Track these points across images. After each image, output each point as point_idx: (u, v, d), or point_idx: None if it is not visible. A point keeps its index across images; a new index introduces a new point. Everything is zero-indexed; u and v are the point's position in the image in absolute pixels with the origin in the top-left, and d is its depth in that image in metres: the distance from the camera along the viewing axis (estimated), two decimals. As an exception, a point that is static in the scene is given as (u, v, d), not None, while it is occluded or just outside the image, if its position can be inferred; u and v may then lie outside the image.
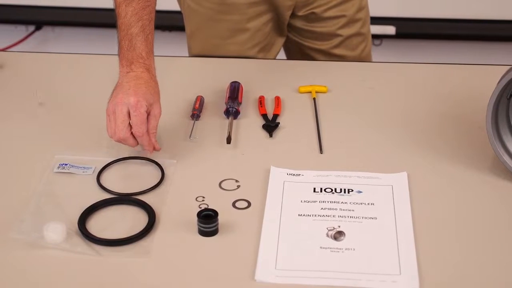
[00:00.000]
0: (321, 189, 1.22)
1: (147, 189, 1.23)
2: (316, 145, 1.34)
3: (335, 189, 1.22)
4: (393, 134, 1.37)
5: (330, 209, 1.17)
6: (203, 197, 1.20)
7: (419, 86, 1.54)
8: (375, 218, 1.16)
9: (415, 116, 1.43)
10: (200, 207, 1.18)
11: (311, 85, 1.51)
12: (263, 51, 1.68)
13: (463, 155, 1.30)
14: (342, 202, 1.19)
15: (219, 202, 1.19)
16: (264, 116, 1.42)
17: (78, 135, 1.37)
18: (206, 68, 1.60)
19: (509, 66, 1.24)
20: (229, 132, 1.35)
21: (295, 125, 1.41)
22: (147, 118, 1.24)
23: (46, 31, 3.27)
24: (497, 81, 1.22)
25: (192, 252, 1.11)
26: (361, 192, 1.21)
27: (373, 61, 1.80)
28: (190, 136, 1.35)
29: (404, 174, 1.25)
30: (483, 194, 1.23)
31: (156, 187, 1.23)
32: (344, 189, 1.22)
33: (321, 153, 1.32)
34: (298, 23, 1.68)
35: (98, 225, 1.15)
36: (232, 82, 1.50)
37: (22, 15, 3.14)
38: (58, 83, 1.56)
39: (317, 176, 1.25)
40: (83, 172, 1.27)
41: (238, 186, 1.24)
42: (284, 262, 1.08)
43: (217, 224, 1.13)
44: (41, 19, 3.18)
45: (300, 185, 1.23)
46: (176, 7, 1.71)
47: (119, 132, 1.23)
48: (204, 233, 1.13)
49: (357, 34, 1.70)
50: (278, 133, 1.38)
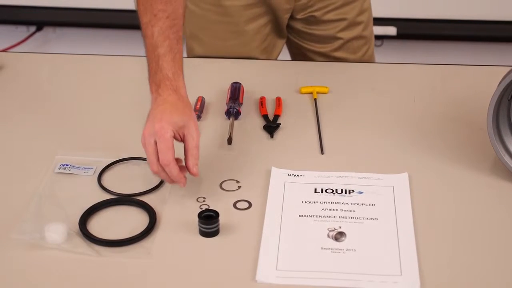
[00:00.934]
0: (322, 190, 1.22)
1: (148, 190, 1.23)
2: (317, 146, 1.34)
3: (336, 190, 1.22)
4: (394, 135, 1.37)
5: (331, 210, 1.17)
6: (204, 198, 1.20)
7: (420, 87, 1.54)
8: (376, 219, 1.16)
9: (416, 117, 1.43)
10: (201, 208, 1.18)
11: (312, 86, 1.51)
12: (265, 53, 1.67)
13: (464, 156, 1.30)
14: (343, 203, 1.19)
15: (220, 203, 1.19)
16: (265, 117, 1.42)
17: (79, 136, 1.37)
18: (207, 69, 1.60)
19: (510, 67, 1.24)
20: (230, 133, 1.35)
21: (296, 126, 1.41)
22: (184, 141, 1.18)
23: (47, 32, 3.28)
24: (498, 82, 1.22)
25: (193, 253, 1.11)
26: (362, 193, 1.21)
27: (374, 62, 1.80)
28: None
29: (405, 175, 1.25)
30: (484, 195, 1.23)
31: (157, 188, 1.23)
32: (345, 190, 1.22)
33: (322, 154, 1.32)
34: (298, 25, 1.68)
35: (99, 226, 1.15)
36: (233, 83, 1.50)
37: (23, 16, 3.14)
38: (59, 84, 1.57)
39: (318, 177, 1.25)
40: (84, 173, 1.27)
41: (239, 187, 1.24)
42: (285, 263, 1.08)
43: (218, 225, 1.13)
44: (42, 20, 3.19)
45: (301, 186, 1.23)
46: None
47: (152, 166, 1.16)
48: (205, 234, 1.13)
49: (359, 37, 1.69)
50: (279, 134, 1.38)
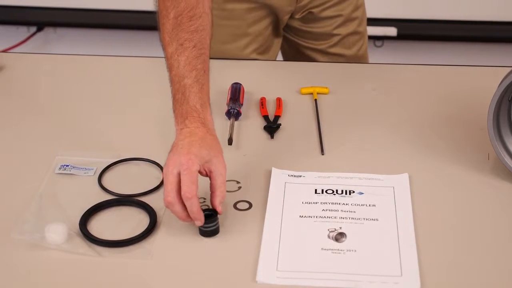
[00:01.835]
0: (323, 191, 1.22)
1: (149, 191, 1.23)
2: (318, 147, 1.34)
3: (336, 191, 1.22)
4: (394, 136, 1.37)
5: (332, 211, 1.17)
6: (204, 199, 1.20)
7: (421, 88, 1.54)
8: (377, 220, 1.16)
9: (417, 118, 1.43)
10: (201, 208, 1.18)
11: (313, 87, 1.51)
12: (262, 54, 1.68)
13: (465, 157, 1.30)
14: (344, 204, 1.19)
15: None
16: (266, 118, 1.42)
17: (80, 136, 1.37)
18: (208, 70, 1.60)
19: (511, 68, 1.24)
20: (231, 133, 1.35)
21: (297, 127, 1.41)
22: (211, 177, 1.13)
23: (48, 32, 3.28)
24: (499, 83, 1.22)
25: (193, 254, 1.11)
26: (363, 194, 1.21)
27: (375, 63, 1.80)
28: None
29: (406, 176, 1.25)
30: (485, 196, 1.22)
31: (158, 189, 1.23)
32: (346, 191, 1.22)
33: (323, 155, 1.32)
34: (295, 24, 1.68)
35: (100, 226, 1.15)
36: (234, 84, 1.50)
37: (24, 16, 3.14)
38: (60, 84, 1.57)
39: (319, 178, 1.25)
40: (85, 173, 1.27)
41: (239, 188, 1.24)
42: (286, 264, 1.08)
43: (217, 223, 1.13)
44: (43, 20, 3.19)
45: (301, 187, 1.23)
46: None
47: (166, 195, 1.09)
48: (205, 233, 1.13)
49: (354, 33, 1.70)
50: (280, 135, 1.38)
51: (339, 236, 1.12)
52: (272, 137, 1.37)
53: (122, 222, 1.16)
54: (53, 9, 3.09)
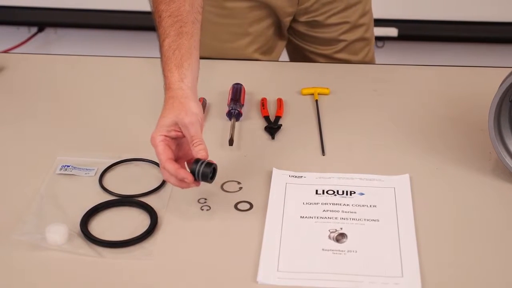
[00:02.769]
0: (323, 191, 1.22)
1: (149, 191, 1.23)
2: (318, 147, 1.34)
3: (337, 191, 1.22)
4: (395, 136, 1.37)
5: (332, 211, 1.17)
6: (205, 199, 1.20)
7: (421, 88, 1.54)
8: (377, 220, 1.16)
9: (418, 118, 1.43)
10: (202, 209, 1.18)
11: (314, 87, 1.51)
12: (265, 54, 1.68)
13: (466, 158, 1.30)
14: (344, 204, 1.19)
15: (221, 204, 1.19)
16: (266, 118, 1.42)
17: (81, 137, 1.37)
18: (208, 70, 1.60)
19: (511, 69, 1.24)
20: (231, 134, 1.36)
21: (297, 127, 1.41)
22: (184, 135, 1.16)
23: (49, 33, 3.28)
24: (500, 84, 1.22)
25: (194, 254, 1.11)
26: (363, 194, 1.21)
27: (376, 63, 1.80)
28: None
29: (407, 176, 1.25)
30: (485, 197, 1.22)
31: (158, 189, 1.23)
32: (346, 191, 1.22)
33: (323, 155, 1.32)
34: (301, 28, 1.68)
35: (100, 227, 1.15)
36: (235, 84, 1.50)
37: (25, 17, 3.15)
38: (61, 85, 1.57)
39: (319, 178, 1.25)
40: (85, 174, 1.27)
41: (240, 188, 1.24)
42: (286, 264, 1.08)
43: (204, 163, 1.12)
44: (44, 21, 3.19)
45: (302, 187, 1.23)
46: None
47: (163, 175, 1.16)
48: (200, 177, 1.13)
49: (361, 39, 1.69)
50: (280, 135, 1.38)
51: (340, 237, 1.12)
52: (273, 138, 1.37)
53: (123, 223, 1.16)
54: (54, 10, 3.10)
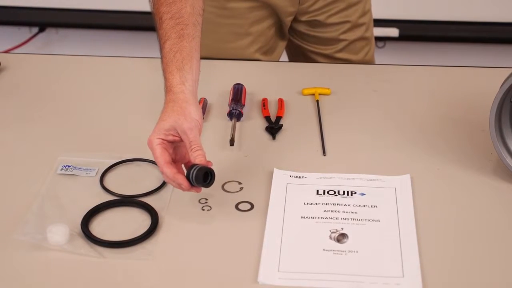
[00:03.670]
0: (324, 191, 1.22)
1: (150, 191, 1.23)
2: (319, 147, 1.34)
3: (338, 192, 1.22)
4: (396, 137, 1.37)
5: (333, 212, 1.17)
6: (206, 199, 1.20)
7: (423, 88, 1.54)
8: (378, 221, 1.16)
9: (418, 118, 1.43)
10: (203, 209, 1.18)
11: (315, 87, 1.51)
12: (266, 55, 1.68)
13: (467, 158, 1.30)
14: (345, 205, 1.19)
15: (222, 204, 1.19)
16: (267, 118, 1.42)
17: (82, 137, 1.37)
18: (209, 70, 1.60)
19: (513, 69, 1.24)
20: (232, 134, 1.36)
21: (298, 127, 1.41)
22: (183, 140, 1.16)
23: (50, 33, 3.28)
24: (501, 84, 1.22)
25: (195, 254, 1.11)
26: (364, 195, 1.21)
27: (377, 64, 1.80)
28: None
29: (407, 177, 1.25)
30: (486, 197, 1.22)
31: (159, 189, 1.23)
32: (347, 192, 1.22)
33: (324, 155, 1.32)
34: (301, 28, 1.68)
35: (101, 227, 1.15)
36: (236, 84, 1.50)
37: (26, 17, 3.15)
38: (62, 85, 1.57)
39: (320, 178, 1.25)
40: (86, 174, 1.27)
41: (241, 188, 1.24)
42: (287, 265, 1.08)
43: (199, 167, 1.12)
44: (45, 21, 3.19)
45: (303, 187, 1.23)
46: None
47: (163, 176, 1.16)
48: (192, 180, 1.13)
49: (361, 39, 1.70)
50: (281, 135, 1.38)
51: (341, 237, 1.12)
52: (274, 138, 1.37)
53: (124, 223, 1.16)
54: (55, 10, 3.10)
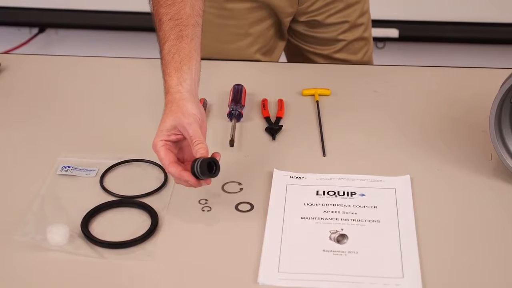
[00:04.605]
0: (324, 192, 1.22)
1: (150, 192, 1.23)
2: (319, 148, 1.34)
3: (338, 192, 1.22)
4: (396, 137, 1.37)
5: (333, 212, 1.17)
6: (206, 200, 1.20)
7: (422, 89, 1.54)
8: (378, 221, 1.16)
9: (418, 119, 1.43)
10: (203, 210, 1.18)
11: (314, 88, 1.51)
12: (266, 55, 1.68)
13: (467, 158, 1.30)
14: (345, 205, 1.19)
15: (222, 205, 1.19)
16: (267, 119, 1.42)
17: (81, 138, 1.37)
18: (209, 71, 1.60)
19: (512, 70, 1.24)
20: (232, 135, 1.36)
21: (298, 128, 1.41)
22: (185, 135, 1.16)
23: (50, 34, 3.28)
24: (501, 84, 1.22)
25: (195, 255, 1.11)
26: (364, 195, 1.21)
27: (377, 64, 1.80)
28: (193, 139, 1.35)
29: (407, 177, 1.25)
30: (486, 198, 1.22)
31: (159, 190, 1.23)
32: (347, 192, 1.22)
33: (324, 156, 1.32)
34: (300, 28, 1.68)
35: (101, 228, 1.15)
36: (235, 85, 1.50)
37: (26, 17, 3.15)
38: (62, 86, 1.57)
39: (320, 179, 1.25)
40: (86, 175, 1.27)
41: (241, 189, 1.24)
42: (287, 265, 1.08)
43: (202, 160, 1.12)
44: (45, 21, 3.19)
45: (303, 188, 1.23)
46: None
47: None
48: (197, 175, 1.12)
49: (360, 39, 1.70)
50: (281, 136, 1.38)
51: (341, 238, 1.12)
52: (274, 139, 1.37)
53: (124, 224, 1.16)
54: (55, 11, 3.10)
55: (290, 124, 1.41)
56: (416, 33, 3.04)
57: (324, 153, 1.33)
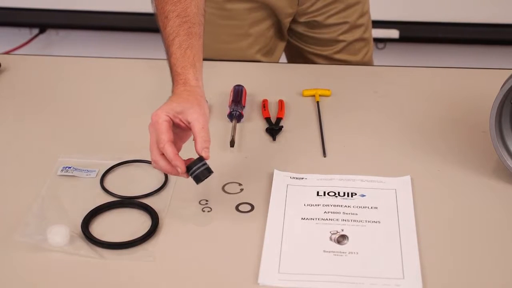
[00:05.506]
0: (325, 193, 1.22)
1: (151, 192, 1.23)
2: (320, 149, 1.34)
3: (339, 193, 1.22)
4: (397, 138, 1.37)
5: (334, 213, 1.17)
6: (206, 201, 1.20)
7: (423, 90, 1.54)
8: (379, 222, 1.16)
9: (419, 120, 1.43)
10: (203, 211, 1.18)
11: (315, 89, 1.51)
12: (266, 56, 1.68)
13: (467, 159, 1.30)
14: (346, 206, 1.19)
15: (222, 206, 1.19)
16: (268, 120, 1.42)
17: (82, 138, 1.37)
18: (210, 72, 1.60)
19: (513, 70, 1.24)
20: (233, 136, 1.36)
21: (299, 129, 1.41)
22: (191, 127, 1.13)
23: (50, 34, 3.28)
24: (501, 85, 1.22)
25: (195, 256, 1.11)
26: (365, 196, 1.21)
27: (377, 65, 1.80)
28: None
29: (408, 178, 1.25)
30: (487, 198, 1.22)
31: (160, 190, 1.23)
32: (348, 193, 1.22)
33: (325, 157, 1.32)
34: (300, 29, 1.68)
35: (102, 228, 1.15)
36: (236, 86, 1.50)
37: (26, 18, 3.15)
38: (62, 86, 1.57)
39: (321, 180, 1.25)
40: (87, 175, 1.27)
41: (242, 190, 1.24)
42: (287, 266, 1.08)
43: (204, 165, 1.11)
44: (45, 22, 3.19)
45: (304, 189, 1.23)
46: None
47: (151, 154, 1.12)
48: (195, 178, 1.12)
49: (360, 40, 1.70)
50: (282, 137, 1.38)
51: (341, 239, 1.12)
52: (274, 139, 1.37)
53: (124, 224, 1.16)
54: (56, 11, 3.10)
55: (291, 125, 1.41)
56: (417, 34, 3.04)
57: (325, 154, 1.33)
